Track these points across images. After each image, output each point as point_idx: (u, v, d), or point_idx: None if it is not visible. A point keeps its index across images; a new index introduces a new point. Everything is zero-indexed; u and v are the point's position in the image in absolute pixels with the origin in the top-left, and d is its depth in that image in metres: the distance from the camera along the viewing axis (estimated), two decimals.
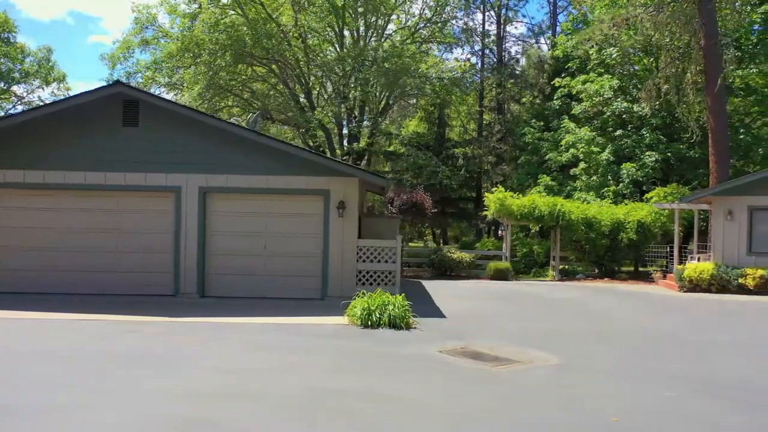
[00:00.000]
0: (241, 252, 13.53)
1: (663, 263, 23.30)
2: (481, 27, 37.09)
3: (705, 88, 21.38)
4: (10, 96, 42.93)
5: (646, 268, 24.22)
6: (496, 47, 36.99)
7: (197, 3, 30.35)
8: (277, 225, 13.55)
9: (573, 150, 26.79)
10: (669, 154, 24.97)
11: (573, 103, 28.88)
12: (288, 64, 29.80)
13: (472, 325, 11.35)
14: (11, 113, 35.56)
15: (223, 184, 13.33)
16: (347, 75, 29.10)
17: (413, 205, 22.05)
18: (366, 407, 6.25)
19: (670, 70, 22.38)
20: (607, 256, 22.13)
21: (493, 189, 23.72)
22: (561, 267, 22.53)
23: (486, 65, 37.43)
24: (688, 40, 21.83)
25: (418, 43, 33.08)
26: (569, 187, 26.60)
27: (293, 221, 13.56)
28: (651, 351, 9.48)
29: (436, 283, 18.86)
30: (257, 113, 23.44)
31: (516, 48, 42.07)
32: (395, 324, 10.40)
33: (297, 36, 29.58)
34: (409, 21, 33.21)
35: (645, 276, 22.45)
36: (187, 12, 30.91)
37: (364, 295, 11.09)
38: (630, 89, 27.25)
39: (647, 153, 24.81)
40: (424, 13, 32.90)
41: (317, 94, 32.26)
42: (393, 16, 32.59)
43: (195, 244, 13.33)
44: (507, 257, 22.40)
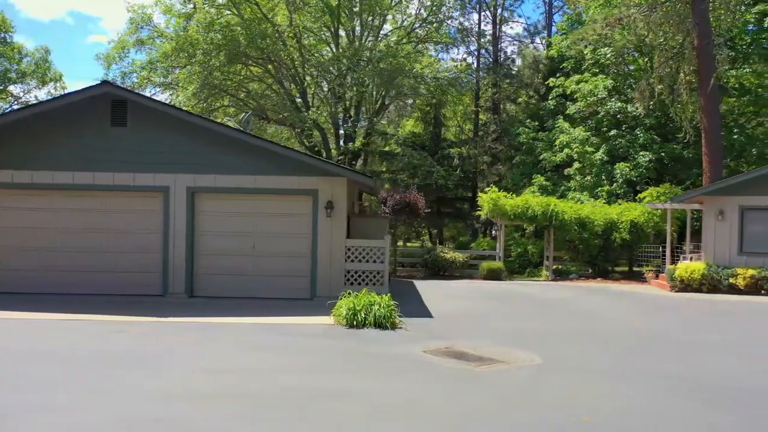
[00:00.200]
0: (230, 252, 13.51)
1: (658, 263, 23.28)
2: (477, 27, 37.14)
3: (698, 88, 21.38)
4: (6, 96, 42.91)
5: (640, 268, 24.19)
6: (491, 47, 37.00)
7: (192, 3, 30.33)
8: (266, 225, 13.54)
9: (567, 150, 26.81)
10: (663, 154, 24.97)
11: (568, 103, 28.90)
12: (283, 63, 29.79)
13: (459, 325, 11.34)
14: None
15: (212, 184, 13.32)
16: (343, 75, 29.09)
17: (406, 205, 21.99)
18: (335, 407, 6.22)
19: (663, 70, 22.38)
20: (601, 256, 22.13)
21: (487, 189, 23.72)
22: (555, 267, 22.51)
23: (482, 65, 37.47)
24: (681, 40, 21.83)
25: (414, 43, 33.07)
26: (563, 187, 26.61)
27: (282, 221, 13.55)
28: (636, 351, 9.46)
29: (428, 283, 18.85)
30: (249, 113, 23.44)
31: (512, 48, 42.22)
32: (380, 324, 10.40)
33: (292, 36, 29.56)
34: (405, 21, 33.20)
35: (638, 276, 22.42)
36: (183, 12, 30.90)
37: (350, 295, 11.09)
38: (624, 89, 27.26)
39: (641, 153, 24.81)
40: (420, 13, 32.90)
41: (313, 93, 32.24)
42: (389, 16, 32.58)
43: (183, 244, 13.32)
44: (500, 257, 22.39)
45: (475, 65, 37.37)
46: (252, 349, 8.82)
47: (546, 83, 30.81)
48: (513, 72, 35.97)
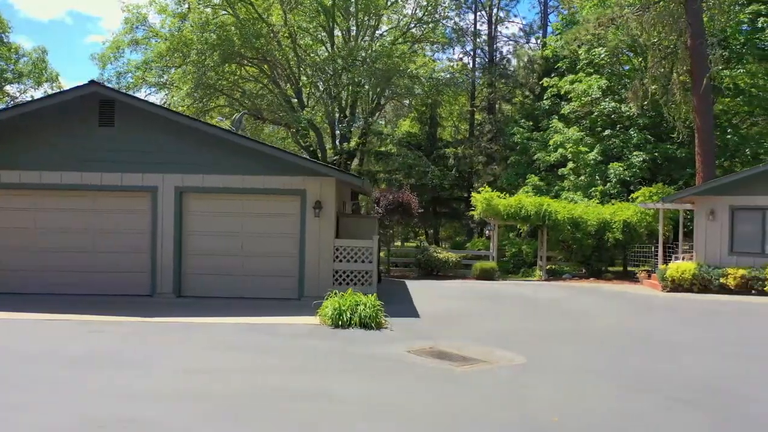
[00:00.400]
0: (218, 252, 13.49)
1: (652, 263, 23.26)
2: (473, 27, 37.13)
3: (692, 88, 21.38)
4: (3, 96, 42.87)
5: (634, 268, 24.19)
6: (487, 47, 36.99)
7: (186, 3, 30.30)
8: (254, 225, 13.52)
9: (561, 150, 26.81)
10: (656, 153, 24.97)
11: (562, 103, 28.91)
12: (278, 63, 29.77)
13: (445, 326, 11.32)
14: None
15: (200, 183, 13.30)
16: (338, 74, 29.07)
17: (399, 205, 21.99)
18: (315, 407, 6.20)
19: (657, 70, 22.38)
20: (594, 255, 22.11)
21: (481, 189, 23.70)
22: (548, 267, 22.50)
23: (477, 65, 37.46)
24: (674, 39, 21.82)
25: (410, 43, 33.05)
26: (557, 187, 26.61)
27: (270, 221, 13.53)
28: (621, 350, 9.45)
29: (420, 283, 18.83)
30: (241, 113, 23.44)
31: (507, 48, 42.18)
32: (366, 324, 10.38)
33: (287, 35, 29.55)
34: (401, 21, 33.18)
35: (631, 276, 22.42)
36: (177, 12, 30.88)
37: (336, 295, 11.07)
38: (618, 89, 27.26)
39: (635, 153, 24.81)
40: (415, 13, 32.89)
41: (308, 93, 32.23)
42: (384, 16, 32.55)
43: (171, 244, 13.29)
44: (494, 257, 22.38)
45: (471, 65, 37.40)
46: (233, 349, 8.79)
47: (541, 83, 30.83)
48: (508, 72, 35.97)
